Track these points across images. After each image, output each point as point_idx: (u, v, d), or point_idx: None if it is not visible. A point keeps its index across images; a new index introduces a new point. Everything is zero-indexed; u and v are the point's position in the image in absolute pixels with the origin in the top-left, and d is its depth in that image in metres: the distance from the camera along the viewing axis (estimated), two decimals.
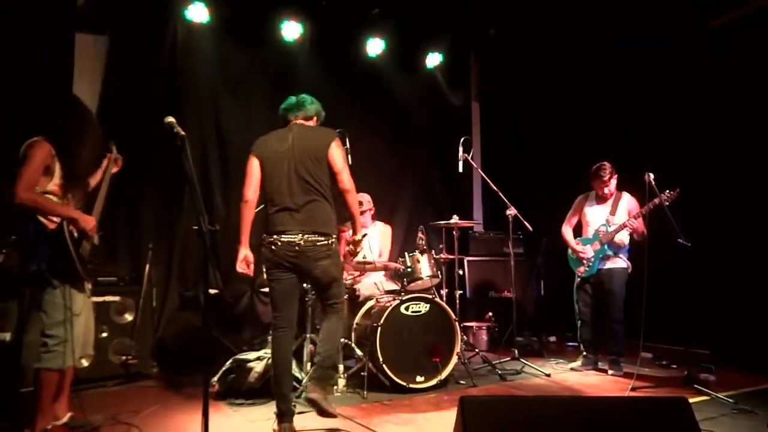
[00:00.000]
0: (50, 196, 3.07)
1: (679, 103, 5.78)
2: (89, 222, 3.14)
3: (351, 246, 3.59)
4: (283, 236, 3.36)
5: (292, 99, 3.73)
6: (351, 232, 3.63)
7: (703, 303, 4.88)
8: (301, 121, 3.64)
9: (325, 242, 3.37)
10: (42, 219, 3.01)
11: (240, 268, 3.60)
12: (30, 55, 4.90)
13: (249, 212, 3.56)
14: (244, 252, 3.55)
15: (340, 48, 6.63)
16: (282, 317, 3.45)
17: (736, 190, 5.34)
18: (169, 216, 5.59)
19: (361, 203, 5.52)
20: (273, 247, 3.40)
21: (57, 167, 3.09)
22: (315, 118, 3.71)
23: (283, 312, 3.45)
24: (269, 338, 5.18)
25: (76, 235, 3.08)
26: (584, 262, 5.01)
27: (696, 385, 4.20)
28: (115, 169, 3.51)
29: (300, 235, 3.34)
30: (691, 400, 2.43)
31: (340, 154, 3.44)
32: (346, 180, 3.42)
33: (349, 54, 6.68)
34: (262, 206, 4.33)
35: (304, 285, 4.84)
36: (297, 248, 3.34)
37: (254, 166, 3.50)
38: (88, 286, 3.25)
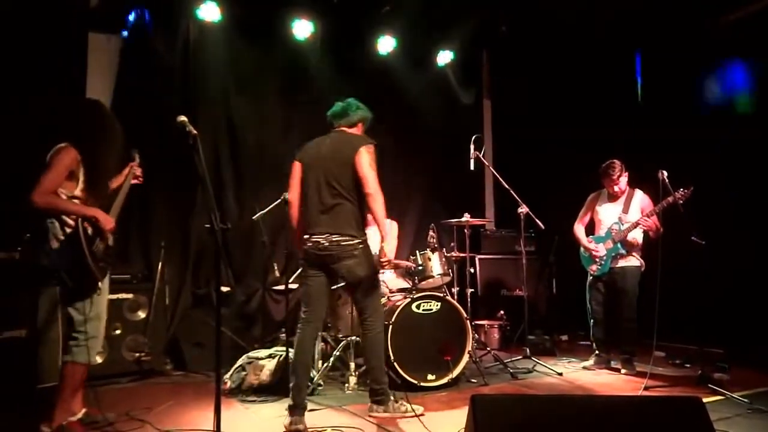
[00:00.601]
0: (75, 201, 3.13)
1: (693, 98, 5.73)
2: (109, 222, 3.19)
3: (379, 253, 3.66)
4: (312, 237, 3.54)
5: (338, 106, 3.86)
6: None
7: (717, 301, 4.83)
8: (344, 128, 3.78)
9: (350, 242, 3.48)
10: (66, 220, 3.07)
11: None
12: (43, 55, 4.95)
13: (292, 212, 3.74)
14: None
15: (352, 46, 6.63)
16: (310, 312, 3.59)
17: (751, 188, 5.28)
18: (182, 214, 5.62)
19: None
20: (304, 247, 3.58)
21: (81, 172, 3.16)
22: (360, 125, 3.84)
23: (311, 307, 3.59)
24: (281, 335, 5.25)
25: (90, 232, 3.12)
26: (597, 260, 4.98)
27: (710, 385, 4.16)
28: (134, 181, 3.58)
29: (326, 235, 3.50)
30: (705, 400, 2.41)
31: (366, 159, 3.52)
32: (368, 185, 3.49)
33: (361, 52, 6.68)
34: (276, 203, 4.37)
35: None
36: (322, 248, 3.49)
37: (295, 170, 3.73)
38: (103, 284, 3.27)
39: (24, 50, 4.88)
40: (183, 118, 2.79)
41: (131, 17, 5.54)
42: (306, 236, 3.57)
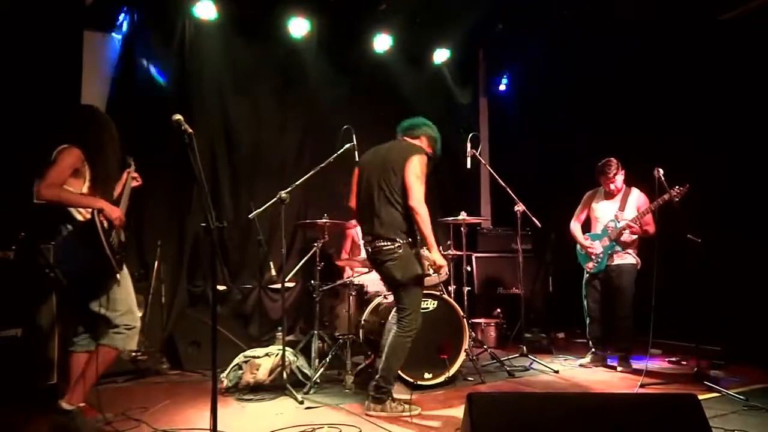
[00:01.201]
0: (82, 193, 3.19)
1: (691, 98, 5.73)
2: (115, 211, 3.22)
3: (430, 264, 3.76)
4: (363, 239, 3.79)
5: (407, 120, 3.99)
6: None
7: (713, 299, 4.83)
8: (406, 138, 3.89)
9: (390, 246, 3.61)
10: (75, 214, 3.13)
11: None
12: (38, 53, 4.93)
13: (354, 218, 3.96)
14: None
15: (348, 44, 6.62)
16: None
17: (748, 185, 5.29)
18: (178, 213, 5.61)
19: None
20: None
21: (87, 172, 3.22)
22: (423, 139, 3.90)
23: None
24: (278, 334, 5.24)
25: (106, 225, 3.17)
26: (593, 258, 4.99)
27: (706, 382, 4.17)
28: (134, 184, 3.64)
29: (369, 237, 3.70)
30: (701, 397, 2.42)
31: (414, 169, 3.59)
32: (410, 197, 3.57)
33: (357, 50, 6.67)
34: (272, 201, 4.37)
35: (311, 281, 4.88)
36: (368, 250, 3.73)
37: (354, 176, 3.95)
38: (123, 277, 3.31)
39: (18, 48, 4.86)
40: (178, 116, 2.80)
41: (126, 15, 5.51)
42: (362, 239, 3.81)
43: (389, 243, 3.61)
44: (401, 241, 3.61)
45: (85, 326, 3.36)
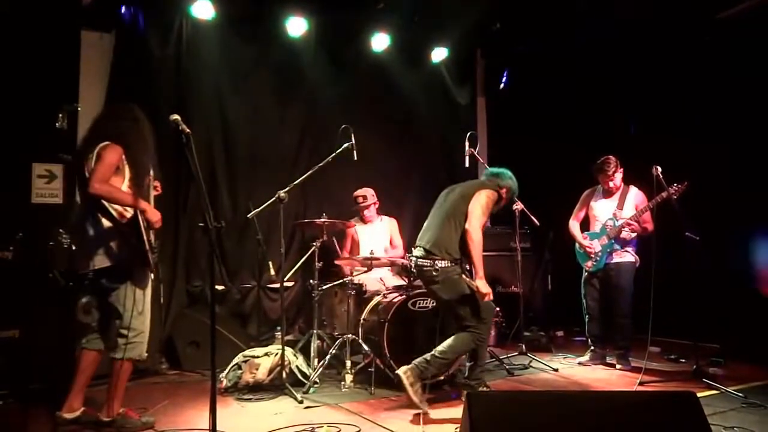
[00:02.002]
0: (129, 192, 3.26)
1: (689, 95, 5.74)
2: (156, 214, 3.33)
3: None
4: (413, 257, 4.06)
5: (496, 168, 4.28)
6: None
7: (711, 296, 4.84)
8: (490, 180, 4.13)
9: (430, 266, 3.82)
10: (114, 212, 3.20)
11: None
12: (35, 53, 4.92)
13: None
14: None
15: (346, 43, 6.61)
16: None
17: (747, 182, 5.30)
18: (176, 213, 5.60)
19: (365, 197, 5.53)
20: None
21: (127, 170, 3.29)
22: (504, 191, 4.13)
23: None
24: (277, 334, 5.24)
25: (146, 225, 3.25)
26: (592, 256, 4.99)
27: (705, 380, 4.17)
28: (155, 193, 3.64)
29: (418, 254, 3.98)
30: (699, 395, 2.43)
31: (480, 199, 3.86)
32: (468, 220, 3.80)
33: (355, 49, 6.65)
34: (270, 201, 4.36)
35: (310, 281, 4.87)
36: (417, 269, 4.00)
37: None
38: (151, 278, 3.38)
39: (16, 48, 4.85)
40: (176, 116, 2.80)
41: (124, 15, 5.50)
42: None
43: (429, 262, 3.82)
44: (443, 262, 3.80)
45: (98, 328, 3.40)
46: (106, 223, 3.20)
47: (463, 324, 3.79)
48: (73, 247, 3.34)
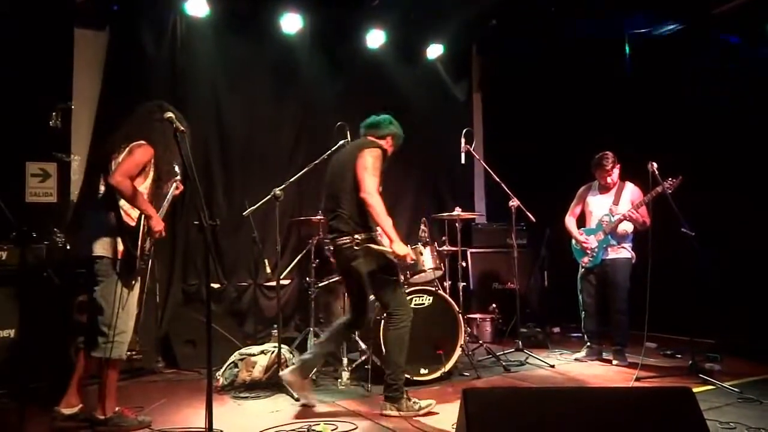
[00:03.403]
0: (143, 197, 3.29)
1: (688, 91, 5.74)
2: (160, 224, 3.33)
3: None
4: (328, 237, 3.85)
5: (372, 118, 3.96)
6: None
7: (707, 292, 4.85)
8: (370, 137, 3.83)
9: (347, 241, 3.56)
10: (124, 211, 3.22)
11: None
12: (29, 52, 4.89)
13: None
14: None
15: (341, 40, 6.59)
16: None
17: (742, 178, 5.32)
18: (171, 211, 5.55)
19: None
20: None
21: (152, 172, 3.33)
22: (389, 139, 3.87)
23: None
24: (273, 332, 5.23)
25: (146, 230, 3.27)
26: (588, 252, 5.00)
27: (701, 375, 4.19)
28: (176, 192, 3.67)
29: (331, 235, 3.70)
30: (695, 390, 2.43)
31: (364, 161, 3.55)
32: (361, 188, 3.52)
33: (350, 46, 6.64)
34: (266, 199, 4.35)
35: (307, 278, 4.87)
36: (331, 249, 3.79)
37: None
38: (137, 282, 3.38)
39: (10, 46, 4.82)
40: (170, 114, 2.78)
41: (117, 12, 5.47)
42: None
43: (346, 239, 3.56)
44: (361, 235, 3.54)
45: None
46: (112, 217, 3.22)
47: (382, 303, 3.67)
48: (68, 246, 3.34)
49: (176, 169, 3.66)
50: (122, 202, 3.24)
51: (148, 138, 3.28)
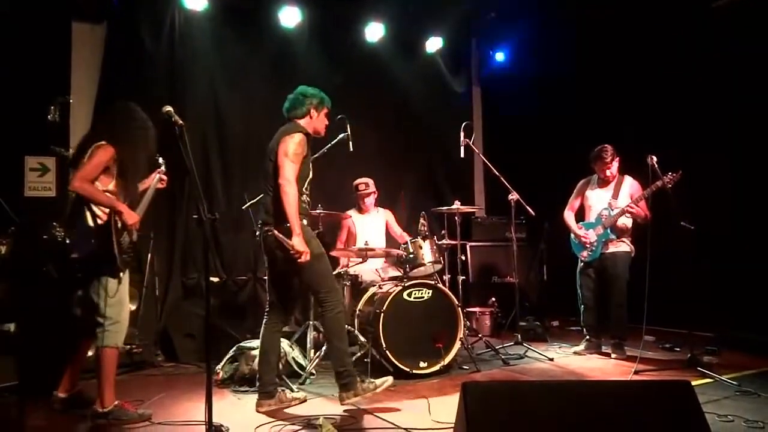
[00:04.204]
0: (108, 195, 3.33)
1: (686, 85, 5.73)
2: (133, 217, 3.39)
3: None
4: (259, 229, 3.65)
5: (287, 100, 3.79)
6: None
7: (706, 286, 4.85)
8: (296, 121, 3.71)
9: (269, 230, 3.48)
10: (97, 212, 3.28)
11: None
12: (26, 46, 4.87)
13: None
14: None
15: (340, 34, 6.57)
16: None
17: (741, 172, 5.31)
18: (170, 204, 5.58)
19: (366, 185, 5.53)
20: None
21: (116, 170, 3.37)
22: (313, 113, 3.73)
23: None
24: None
25: (119, 225, 3.33)
26: (587, 246, 5.00)
27: (699, 368, 4.20)
28: (160, 186, 3.75)
29: (261, 227, 3.59)
30: (694, 383, 2.44)
31: (285, 148, 3.47)
32: (280, 174, 3.44)
33: (349, 39, 6.62)
34: (260, 196, 4.34)
35: None
36: (262, 241, 3.59)
37: None
38: (124, 275, 3.44)
39: (7, 40, 4.80)
40: (169, 108, 2.79)
41: (115, 6, 5.44)
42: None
43: (267, 227, 3.50)
44: (282, 225, 3.43)
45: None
46: (88, 217, 3.29)
47: (312, 290, 3.65)
48: (67, 240, 3.38)
49: (160, 161, 3.78)
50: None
51: (109, 138, 3.34)
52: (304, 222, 3.52)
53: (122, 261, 3.34)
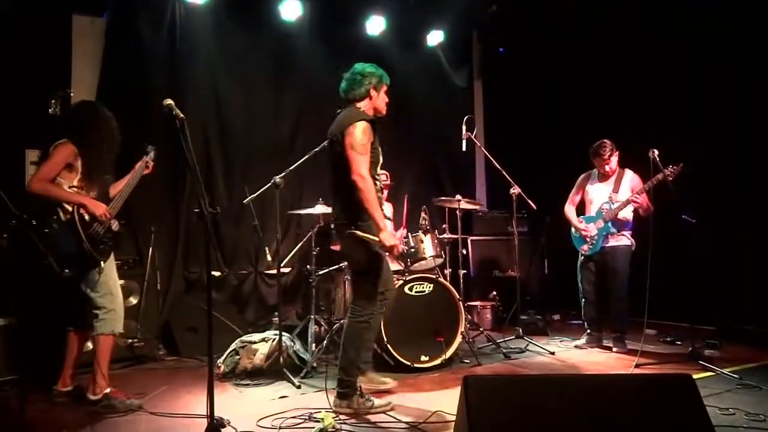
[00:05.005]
0: (75, 190, 3.41)
1: (686, 80, 5.71)
2: (99, 207, 3.42)
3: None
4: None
5: (343, 80, 3.62)
6: None
7: (707, 279, 4.86)
8: (355, 104, 3.51)
9: (342, 226, 3.42)
10: (59, 213, 3.34)
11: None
12: (27, 39, 4.86)
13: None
14: None
15: (341, 27, 6.54)
16: None
17: (742, 166, 5.30)
18: (171, 198, 5.58)
19: (387, 176, 5.50)
20: None
21: (79, 165, 3.44)
22: (372, 93, 3.55)
23: None
24: (274, 319, 5.25)
25: (87, 218, 3.38)
26: (587, 240, 4.99)
27: (700, 362, 4.20)
28: (146, 172, 3.80)
29: (333, 224, 3.64)
30: (695, 377, 2.43)
31: (351, 140, 3.26)
32: (351, 170, 3.24)
33: (350, 33, 6.60)
34: (266, 186, 4.33)
35: (307, 266, 4.87)
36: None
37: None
38: (107, 264, 3.50)
39: (7, 33, 4.78)
40: (170, 101, 2.78)
41: None
42: None
43: (341, 222, 3.38)
44: (354, 222, 3.30)
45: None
46: (61, 215, 3.35)
47: (354, 300, 3.48)
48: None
49: (148, 148, 3.85)
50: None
51: (68, 135, 3.41)
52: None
53: (98, 251, 3.40)
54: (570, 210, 5.19)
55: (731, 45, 5.36)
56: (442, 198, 5.40)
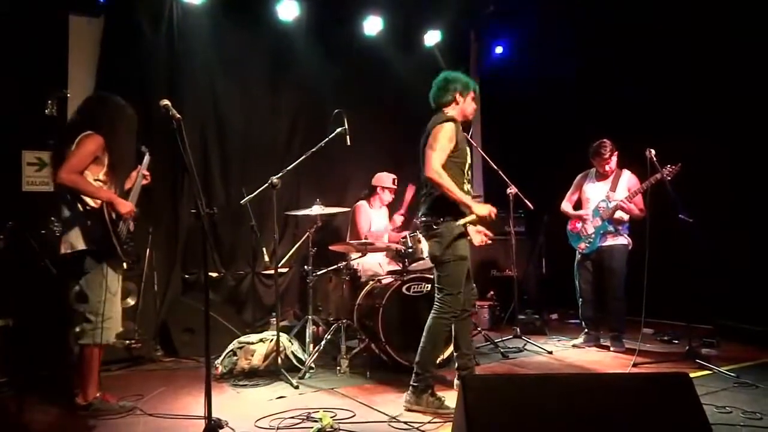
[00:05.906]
0: (99, 183, 3.34)
1: (686, 79, 5.72)
2: (126, 206, 3.38)
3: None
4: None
5: (432, 87, 3.80)
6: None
7: (704, 278, 4.86)
8: (444, 110, 3.73)
9: (428, 223, 3.56)
10: (87, 200, 3.26)
11: None
12: (23, 39, 4.85)
13: None
14: None
15: (338, 27, 6.54)
16: None
17: (740, 166, 5.31)
18: (169, 198, 5.56)
19: (395, 180, 5.53)
20: None
21: (106, 159, 3.36)
22: (457, 99, 3.72)
23: None
24: (272, 320, 5.24)
25: (114, 216, 3.32)
26: (584, 238, 5.00)
27: (698, 360, 4.21)
28: (144, 182, 3.71)
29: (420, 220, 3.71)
30: (692, 375, 2.44)
31: (434, 142, 3.50)
32: (426, 168, 3.50)
33: (347, 33, 6.59)
34: (263, 187, 4.33)
35: (305, 266, 4.86)
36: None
37: None
38: (124, 266, 3.47)
39: (4, 34, 4.77)
40: (166, 102, 2.78)
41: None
42: None
43: (427, 220, 3.57)
44: (438, 219, 3.50)
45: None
46: (79, 208, 3.27)
47: (436, 287, 3.57)
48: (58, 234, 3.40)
49: (143, 150, 3.75)
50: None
51: (97, 127, 3.32)
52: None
53: (123, 251, 3.34)
54: (567, 207, 5.21)
55: (731, 44, 5.36)
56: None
